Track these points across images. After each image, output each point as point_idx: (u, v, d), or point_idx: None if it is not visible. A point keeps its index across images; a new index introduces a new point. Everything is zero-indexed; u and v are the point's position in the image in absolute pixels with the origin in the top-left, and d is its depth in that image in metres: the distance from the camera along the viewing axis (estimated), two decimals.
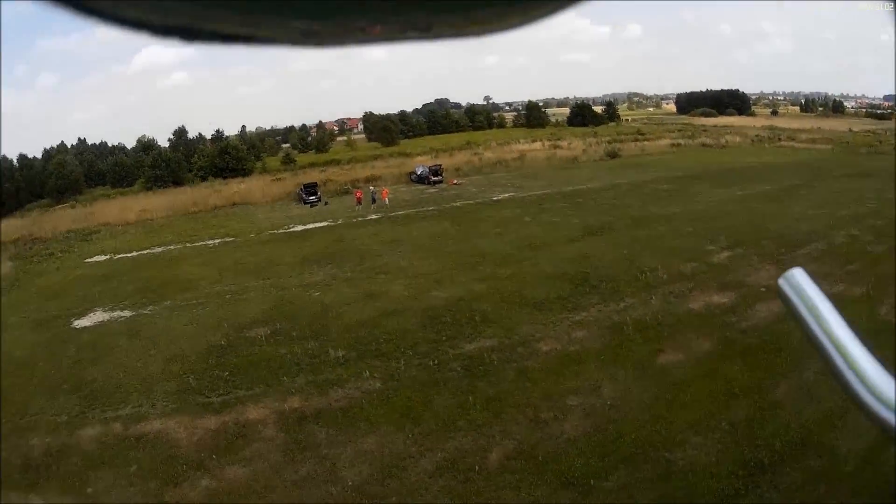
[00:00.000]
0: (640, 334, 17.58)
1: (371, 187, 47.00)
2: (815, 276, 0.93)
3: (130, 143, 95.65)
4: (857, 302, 18.28)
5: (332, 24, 0.50)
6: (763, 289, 20.33)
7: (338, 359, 18.18)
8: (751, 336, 16.80)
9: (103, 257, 38.26)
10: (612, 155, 63.40)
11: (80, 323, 25.45)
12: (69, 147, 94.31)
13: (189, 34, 0.49)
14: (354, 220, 39.81)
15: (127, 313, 25.67)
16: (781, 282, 0.95)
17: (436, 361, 17.29)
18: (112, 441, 15.63)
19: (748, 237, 26.30)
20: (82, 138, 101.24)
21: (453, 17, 0.52)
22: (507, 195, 44.40)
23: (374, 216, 40.36)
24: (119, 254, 38.52)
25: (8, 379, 20.52)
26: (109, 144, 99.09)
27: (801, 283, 0.94)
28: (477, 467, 12.55)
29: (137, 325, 23.97)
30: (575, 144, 74.74)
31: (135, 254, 37.80)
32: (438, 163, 58.65)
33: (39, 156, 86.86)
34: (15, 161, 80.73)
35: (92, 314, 26.21)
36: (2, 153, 75.70)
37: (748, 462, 11.49)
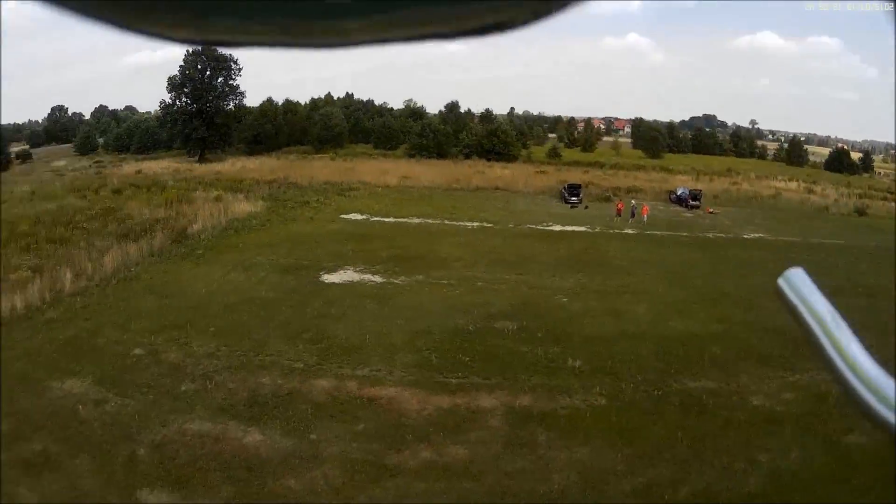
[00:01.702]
0: (838, 410, 17.44)
1: (633, 201, 46.83)
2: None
3: (396, 105, 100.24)
4: None
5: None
6: None
7: (573, 368, 18.95)
8: None
9: (359, 216, 39.85)
10: (861, 212, 60.33)
11: (329, 278, 27.52)
12: (336, 99, 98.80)
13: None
14: (610, 231, 39.90)
15: (377, 279, 27.37)
16: (781, 282, 0.98)
17: (659, 391, 18.00)
18: (344, 397, 17.13)
19: None
20: (350, 92, 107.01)
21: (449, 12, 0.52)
22: (757, 235, 43.30)
23: (629, 231, 40.38)
24: (376, 216, 39.95)
25: (250, 316, 22.94)
26: (376, 103, 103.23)
27: (800, 283, 0.96)
28: (666, 497, 13.36)
29: (387, 292, 25.58)
30: (828, 192, 71.74)
31: (392, 220, 39.19)
32: (699, 188, 57.34)
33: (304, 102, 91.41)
34: (280, 103, 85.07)
35: (342, 272, 28.27)
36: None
37: None
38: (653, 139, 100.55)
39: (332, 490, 13.52)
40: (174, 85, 74.22)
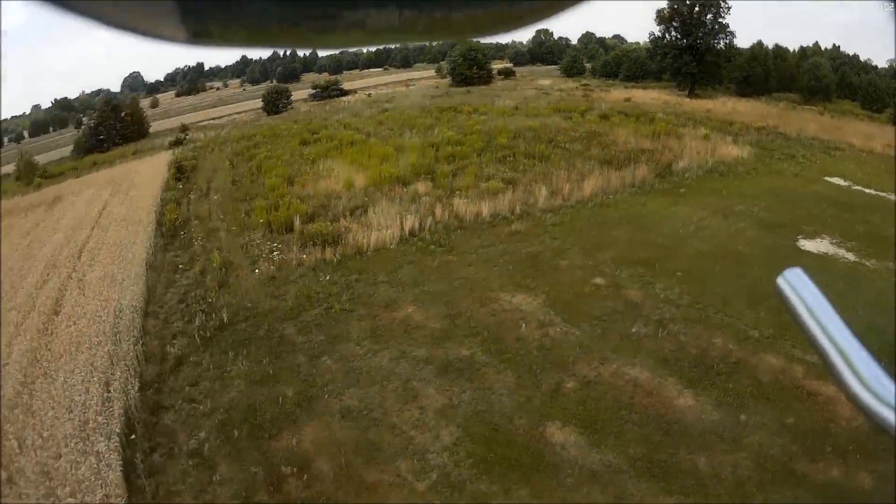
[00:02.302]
0: None
1: None
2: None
3: (879, 64, 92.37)
4: None
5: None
6: None
7: None
8: None
9: (842, 182, 35.89)
10: None
11: (805, 244, 24.94)
12: (823, 49, 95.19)
13: None
14: None
15: (850, 257, 23.97)
16: (780, 281, 1.03)
17: None
18: (787, 381, 15.46)
19: None
20: (836, 44, 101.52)
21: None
22: None
23: None
24: (857, 184, 35.46)
25: (721, 268, 21.90)
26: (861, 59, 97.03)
27: (800, 284, 1.02)
28: None
29: (857, 273, 22.36)
30: None
31: (872, 191, 34.34)
32: None
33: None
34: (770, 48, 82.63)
35: (819, 240, 25.43)
36: None
37: None
38: None
39: (734, 481, 12.64)
40: (662, 18, 75.48)
